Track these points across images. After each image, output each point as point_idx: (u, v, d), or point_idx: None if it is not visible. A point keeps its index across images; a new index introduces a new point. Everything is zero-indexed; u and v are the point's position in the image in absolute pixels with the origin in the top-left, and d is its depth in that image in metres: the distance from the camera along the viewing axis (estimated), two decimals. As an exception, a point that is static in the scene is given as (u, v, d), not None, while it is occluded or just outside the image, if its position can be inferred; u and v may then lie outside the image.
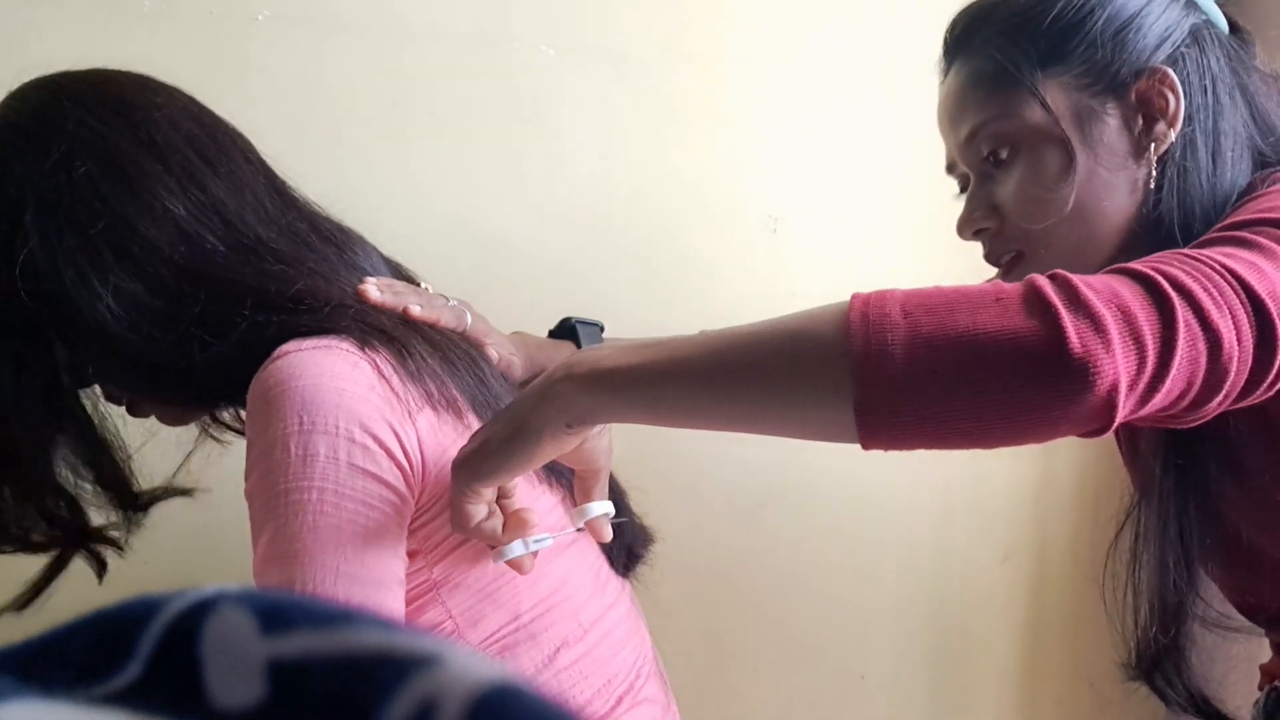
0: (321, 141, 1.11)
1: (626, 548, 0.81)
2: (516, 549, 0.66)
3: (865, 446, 0.53)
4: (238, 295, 0.66)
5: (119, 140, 0.66)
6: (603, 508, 0.67)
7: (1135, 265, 0.56)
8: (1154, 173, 0.73)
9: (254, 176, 0.71)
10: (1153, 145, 0.74)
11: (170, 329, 0.66)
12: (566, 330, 0.94)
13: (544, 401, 0.57)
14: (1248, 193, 0.73)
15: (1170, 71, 0.73)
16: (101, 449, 0.72)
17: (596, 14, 1.21)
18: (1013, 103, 0.75)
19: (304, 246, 0.71)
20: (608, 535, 0.69)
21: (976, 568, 1.46)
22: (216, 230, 0.68)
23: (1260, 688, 0.89)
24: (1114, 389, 0.50)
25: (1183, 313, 0.53)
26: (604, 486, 0.67)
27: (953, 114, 0.80)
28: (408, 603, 0.66)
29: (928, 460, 1.37)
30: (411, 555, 0.66)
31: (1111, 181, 0.74)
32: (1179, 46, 0.74)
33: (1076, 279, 0.53)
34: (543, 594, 0.71)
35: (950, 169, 0.85)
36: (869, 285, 0.56)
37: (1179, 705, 0.82)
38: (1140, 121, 0.74)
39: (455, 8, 1.15)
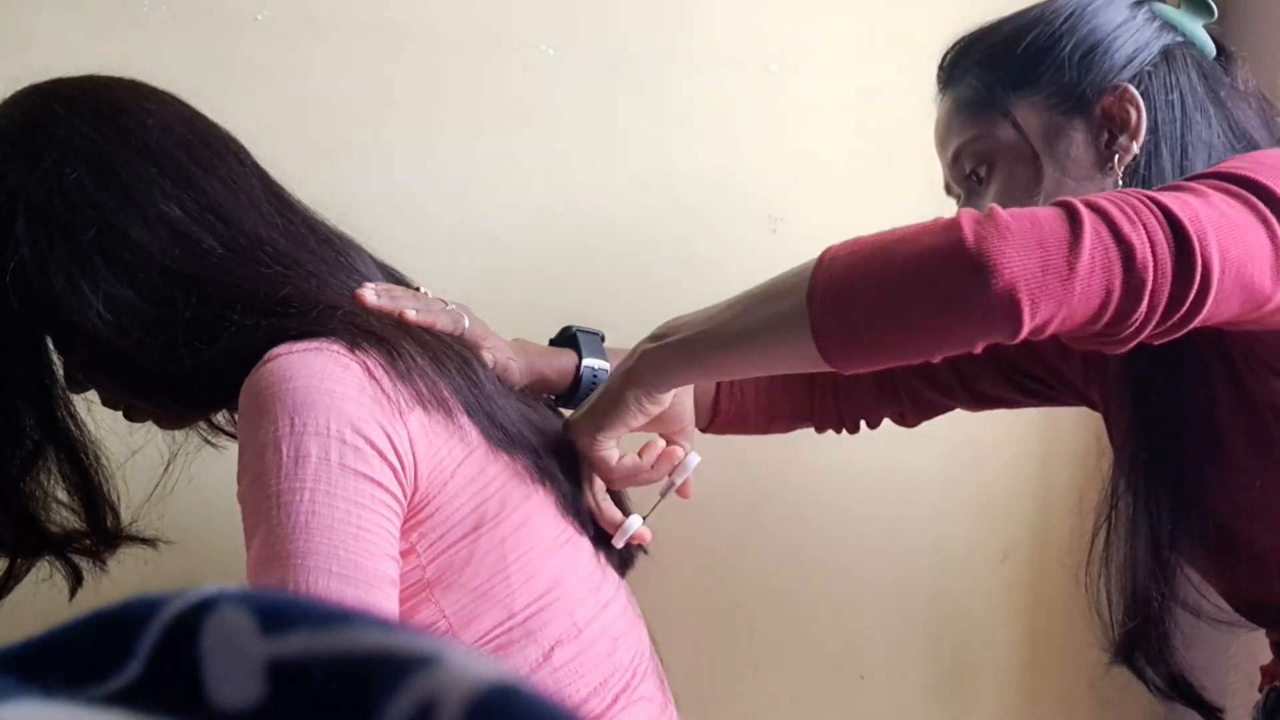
0: (321, 141, 1.11)
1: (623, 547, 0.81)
2: (634, 524, 0.78)
3: (830, 364, 0.63)
4: (227, 299, 0.66)
5: (111, 146, 0.67)
6: (696, 459, 0.80)
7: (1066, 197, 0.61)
8: (1119, 183, 0.78)
9: (248, 179, 0.72)
10: (1116, 157, 0.78)
11: (160, 334, 0.66)
12: (567, 338, 0.95)
13: (629, 376, 0.73)
14: None
15: (1132, 88, 0.78)
16: (85, 469, 0.73)
17: (596, 14, 1.21)
18: (988, 124, 0.82)
19: (301, 248, 0.71)
20: (690, 492, 0.81)
21: (975, 567, 1.46)
22: (215, 229, 0.68)
23: (1260, 689, 0.89)
24: (1013, 286, 0.56)
25: (1092, 223, 0.57)
26: (691, 442, 0.81)
27: (942, 137, 0.87)
28: (401, 602, 0.66)
29: (926, 460, 1.38)
30: (405, 555, 0.66)
31: (1079, 191, 0.78)
32: (1146, 65, 0.79)
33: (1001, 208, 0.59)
34: (537, 592, 0.71)
35: (947, 190, 0.91)
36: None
37: (1158, 689, 0.85)
38: (1105, 135, 0.79)
39: (455, 8, 1.15)
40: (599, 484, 0.79)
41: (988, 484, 1.45)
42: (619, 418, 0.74)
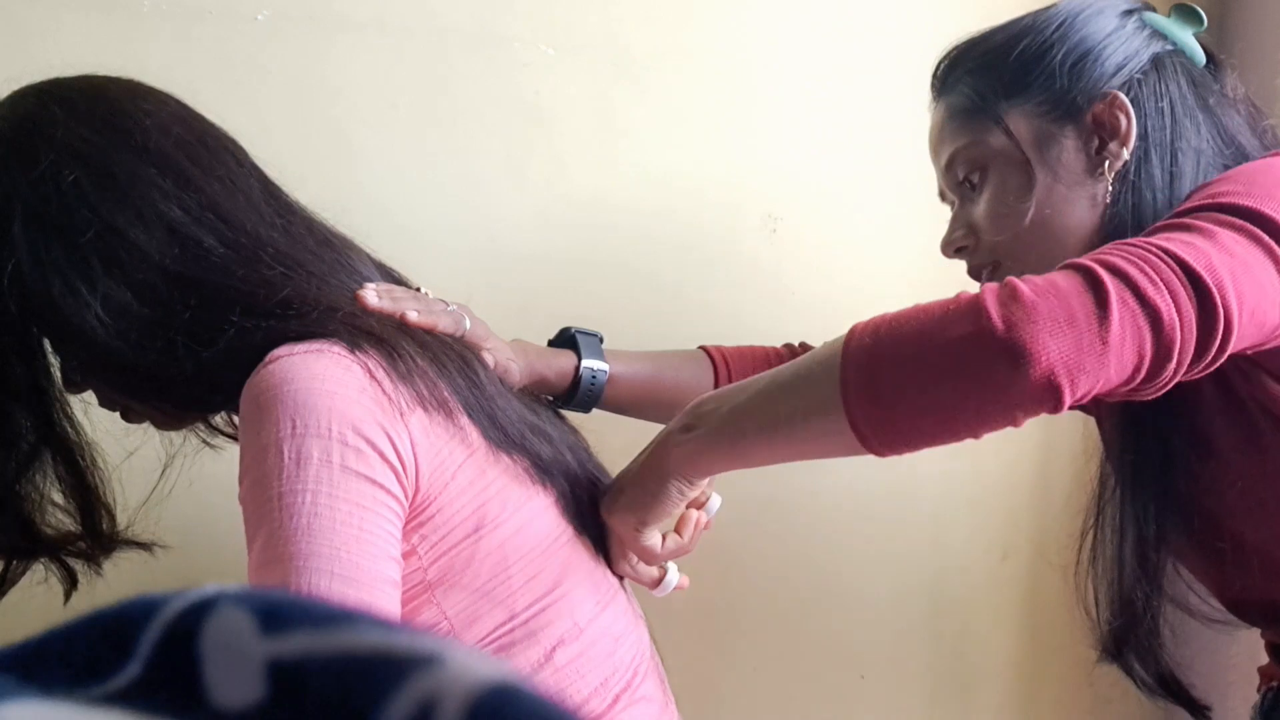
0: (321, 142, 1.11)
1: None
2: (674, 578, 0.81)
3: (873, 453, 0.63)
4: (227, 301, 0.66)
5: (108, 148, 0.66)
6: (719, 501, 0.82)
7: (1080, 259, 0.61)
8: (1110, 188, 0.79)
9: (246, 180, 0.71)
10: (1106, 163, 0.79)
11: (159, 336, 0.66)
12: (566, 340, 0.95)
13: (669, 469, 0.72)
14: None
15: (1122, 95, 0.79)
16: (81, 471, 0.72)
17: (597, 14, 1.21)
18: (981, 131, 0.83)
19: (301, 249, 0.71)
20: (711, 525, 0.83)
21: (975, 567, 1.46)
22: (215, 229, 0.67)
23: (1258, 690, 0.89)
24: (1051, 371, 0.56)
25: (1117, 292, 0.57)
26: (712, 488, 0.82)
27: (935, 144, 0.89)
28: (403, 604, 0.66)
29: (926, 460, 1.38)
30: (406, 556, 0.65)
31: (1070, 197, 0.80)
32: (1135, 73, 0.80)
33: (1019, 279, 0.59)
34: (539, 593, 0.71)
35: (941, 197, 0.92)
36: (869, 285, 0.58)
37: (1146, 686, 0.86)
38: (1096, 142, 0.80)
39: (455, 7, 1.15)
40: (632, 555, 0.80)
41: (988, 484, 1.45)
42: (662, 510, 0.75)
